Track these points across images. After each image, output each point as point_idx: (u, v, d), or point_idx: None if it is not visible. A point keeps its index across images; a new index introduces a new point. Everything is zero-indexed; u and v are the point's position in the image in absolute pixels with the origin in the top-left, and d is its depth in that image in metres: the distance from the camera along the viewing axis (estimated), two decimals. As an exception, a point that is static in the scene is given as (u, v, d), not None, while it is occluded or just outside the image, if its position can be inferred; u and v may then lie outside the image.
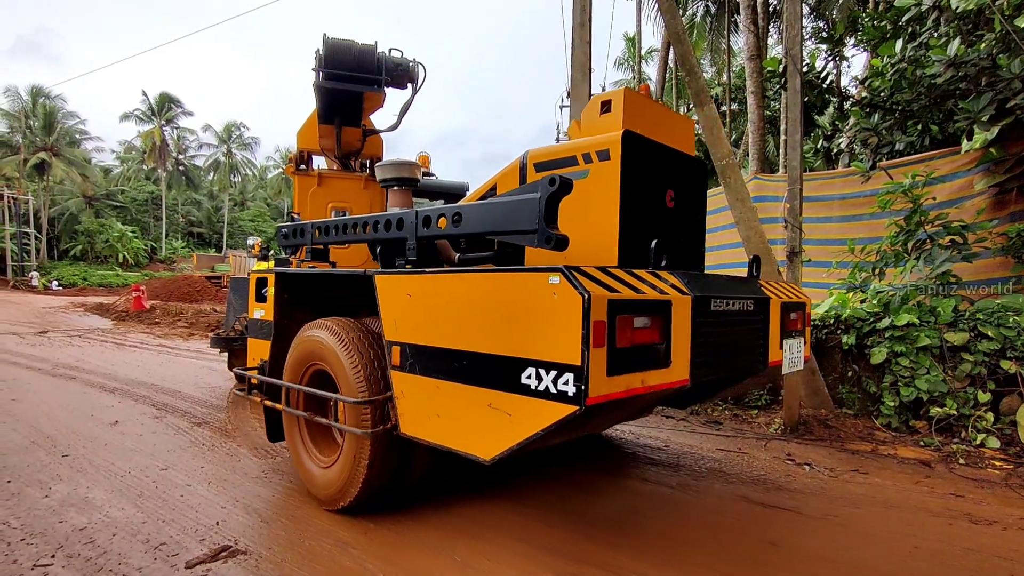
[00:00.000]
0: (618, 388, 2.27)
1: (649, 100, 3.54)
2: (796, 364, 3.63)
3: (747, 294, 3.16)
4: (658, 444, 4.76)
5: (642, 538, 3.03)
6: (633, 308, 2.36)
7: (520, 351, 2.38)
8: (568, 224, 3.15)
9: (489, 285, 2.57)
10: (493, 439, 2.52)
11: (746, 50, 11.24)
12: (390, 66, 4.77)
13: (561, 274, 2.26)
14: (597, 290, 2.22)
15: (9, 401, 6.06)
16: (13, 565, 2.72)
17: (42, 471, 3.97)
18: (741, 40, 14.74)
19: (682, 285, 2.72)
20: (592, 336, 2.15)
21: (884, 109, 6.41)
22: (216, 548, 2.88)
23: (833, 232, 7.36)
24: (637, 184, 3.17)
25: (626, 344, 2.32)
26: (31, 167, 39.02)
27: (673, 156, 3.44)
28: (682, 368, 2.60)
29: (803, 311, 3.76)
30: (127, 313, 17.00)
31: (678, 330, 2.58)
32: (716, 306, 2.85)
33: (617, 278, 2.43)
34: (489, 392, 2.51)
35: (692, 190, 3.60)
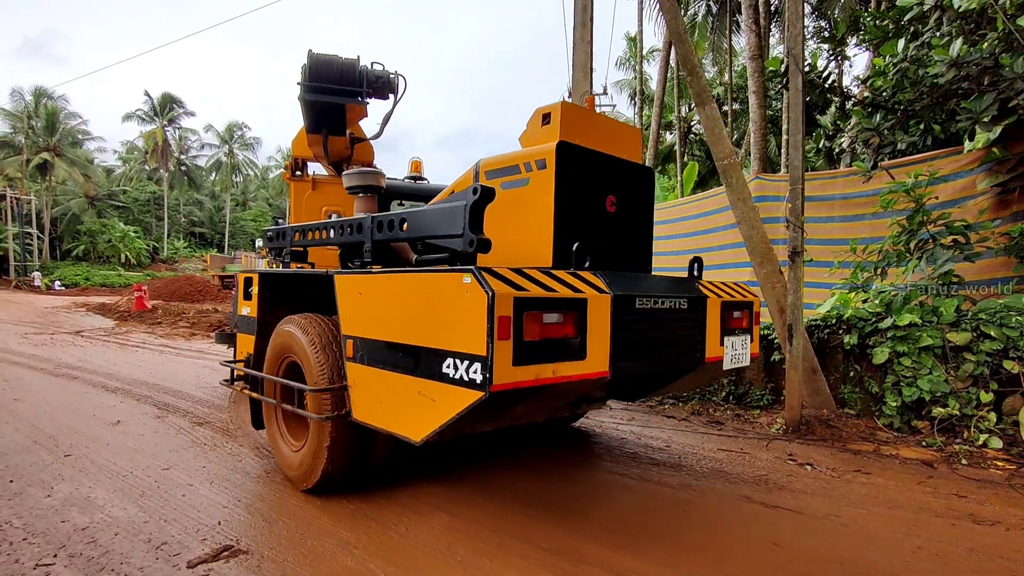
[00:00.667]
0: (526, 377, 2.50)
1: (591, 112, 3.81)
2: (740, 360, 3.84)
3: (679, 293, 3.35)
4: (660, 444, 4.76)
5: (643, 538, 3.02)
6: (542, 305, 2.58)
7: (442, 343, 2.63)
8: (511, 228, 3.53)
9: (417, 284, 2.85)
10: (422, 422, 2.75)
11: (748, 50, 11.22)
12: (371, 79, 5.03)
13: (472, 274, 2.50)
14: (503, 288, 2.45)
15: (11, 401, 6.07)
16: (15, 565, 2.73)
17: (44, 471, 3.98)
18: (743, 40, 14.72)
19: (603, 284, 2.92)
20: (497, 330, 2.39)
21: (886, 109, 6.39)
22: (218, 548, 2.88)
23: (835, 232, 7.35)
24: (573, 190, 3.40)
25: (535, 337, 2.56)
26: (34, 167, 39.10)
27: (614, 164, 3.66)
28: (600, 361, 2.81)
29: (749, 310, 3.95)
30: (129, 313, 17.02)
31: (595, 325, 2.80)
32: (642, 304, 3.06)
33: (532, 279, 2.64)
34: (419, 380, 2.76)
35: (635, 195, 3.82)
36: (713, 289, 3.70)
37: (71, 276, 36.15)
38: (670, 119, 22.53)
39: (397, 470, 4.02)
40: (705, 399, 6.11)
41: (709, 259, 8.89)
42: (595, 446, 4.67)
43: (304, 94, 4.94)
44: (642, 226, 3.90)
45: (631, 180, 3.80)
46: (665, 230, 10.11)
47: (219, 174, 54.78)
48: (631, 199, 3.79)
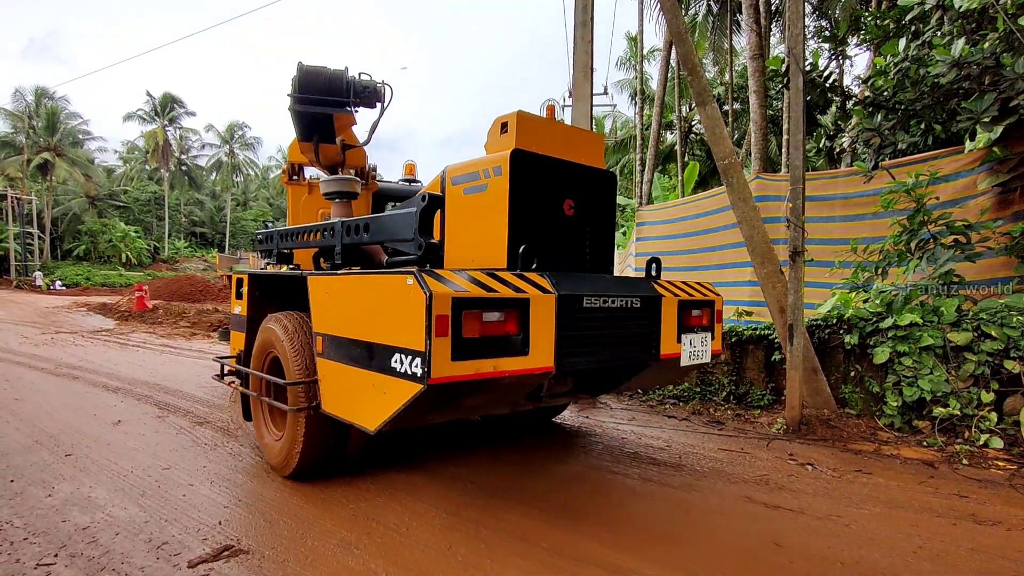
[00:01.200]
0: (465, 371, 2.69)
1: (549, 120, 3.96)
2: (699, 357, 3.98)
3: (632, 293, 3.50)
4: (660, 444, 4.76)
5: (645, 538, 3.02)
6: (482, 304, 2.75)
7: (391, 340, 2.83)
8: (473, 231, 3.73)
9: (371, 285, 3.07)
10: (375, 413, 2.96)
11: (748, 49, 11.20)
12: (358, 89, 5.20)
13: (414, 276, 2.70)
14: (441, 289, 2.63)
15: (12, 400, 6.07)
16: (16, 564, 2.73)
17: (45, 470, 3.98)
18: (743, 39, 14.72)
19: (548, 284, 3.08)
20: (435, 327, 2.58)
21: (887, 108, 6.39)
22: (218, 547, 2.88)
23: (836, 231, 7.34)
24: (529, 195, 3.57)
25: (474, 335, 2.74)
26: (34, 167, 39.13)
27: (572, 169, 3.82)
28: (544, 357, 2.98)
29: (710, 308, 4.10)
30: (130, 313, 17.03)
31: (538, 324, 2.96)
32: (590, 303, 3.22)
33: (475, 280, 2.82)
34: (373, 374, 2.96)
35: (594, 199, 3.97)
36: (670, 288, 3.84)
37: (72, 276, 36.17)
38: (671, 119, 22.52)
39: (399, 471, 4.02)
40: (706, 399, 6.11)
41: (710, 259, 8.88)
42: (595, 446, 4.67)
43: (293, 105, 5.13)
44: (602, 228, 4.04)
45: (590, 184, 3.95)
46: (666, 230, 10.11)
47: (220, 174, 54.79)
48: (590, 203, 3.94)
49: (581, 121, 6.40)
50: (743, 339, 6.03)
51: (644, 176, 16.27)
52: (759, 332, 5.95)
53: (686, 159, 19.05)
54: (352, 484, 3.74)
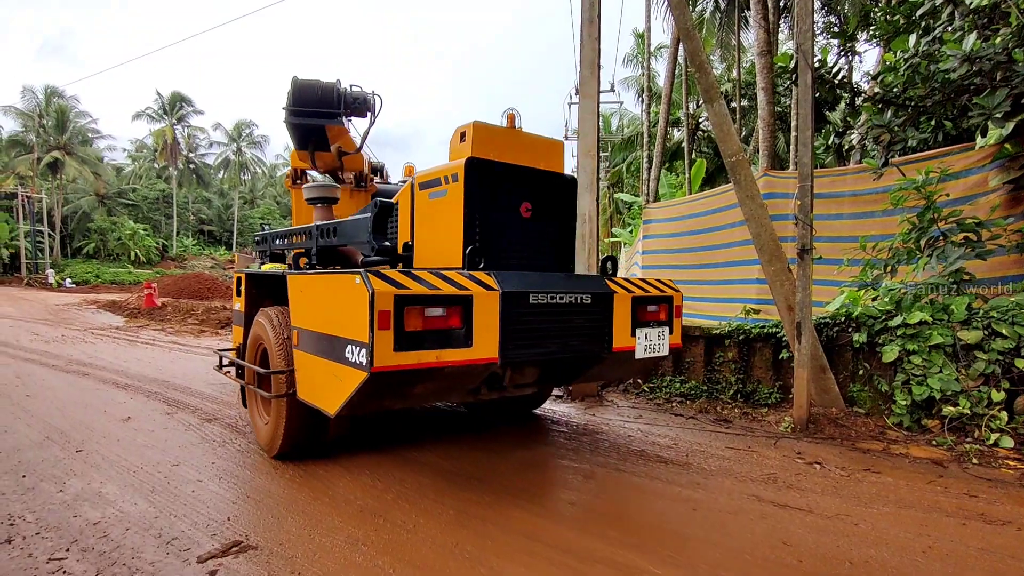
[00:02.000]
0: (408, 361, 2.97)
1: (507, 129, 4.22)
2: (656, 350, 4.18)
3: (583, 290, 3.71)
4: (667, 442, 4.75)
5: (652, 536, 3.02)
6: (424, 301, 3.03)
7: (345, 333, 3.12)
8: (436, 233, 4.02)
9: (331, 284, 3.36)
10: (334, 398, 3.26)
11: (756, 46, 11.13)
12: (349, 100, 5.51)
13: (360, 275, 2.98)
14: (383, 287, 2.92)
15: (24, 397, 6.13)
16: (28, 558, 2.76)
17: (56, 466, 4.02)
18: (751, 36, 14.61)
19: (492, 282, 3.30)
20: (377, 321, 2.87)
21: (897, 105, 6.33)
22: (227, 543, 2.90)
23: (844, 229, 7.29)
24: (484, 200, 3.84)
25: (417, 328, 3.01)
26: (44, 166, 39.44)
27: (529, 174, 4.10)
28: (488, 348, 3.22)
29: (668, 304, 4.28)
30: (139, 310, 17.16)
31: (482, 318, 3.20)
32: (537, 299, 3.44)
33: (419, 279, 3.09)
34: (332, 363, 3.26)
35: (553, 202, 4.23)
36: (625, 285, 4.03)
37: (82, 273, 36.47)
38: (678, 116, 22.42)
39: (405, 469, 4.04)
40: (713, 397, 6.09)
41: (716, 256, 8.84)
42: (602, 444, 4.67)
43: (288, 118, 5.42)
44: (561, 229, 4.30)
45: (548, 188, 4.21)
46: (673, 227, 10.07)
47: (227, 172, 55.02)
48: (548, 205, 4.20)
49: (588, 118, 6.38)
50: (750, 337, 6.01)
51: (651, 173, 16.21)
52: (767, 330, 5.92)
53: (693, 156, 18.97)
54: (358, 481, 3.75)
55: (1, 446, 4.45)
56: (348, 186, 6.59)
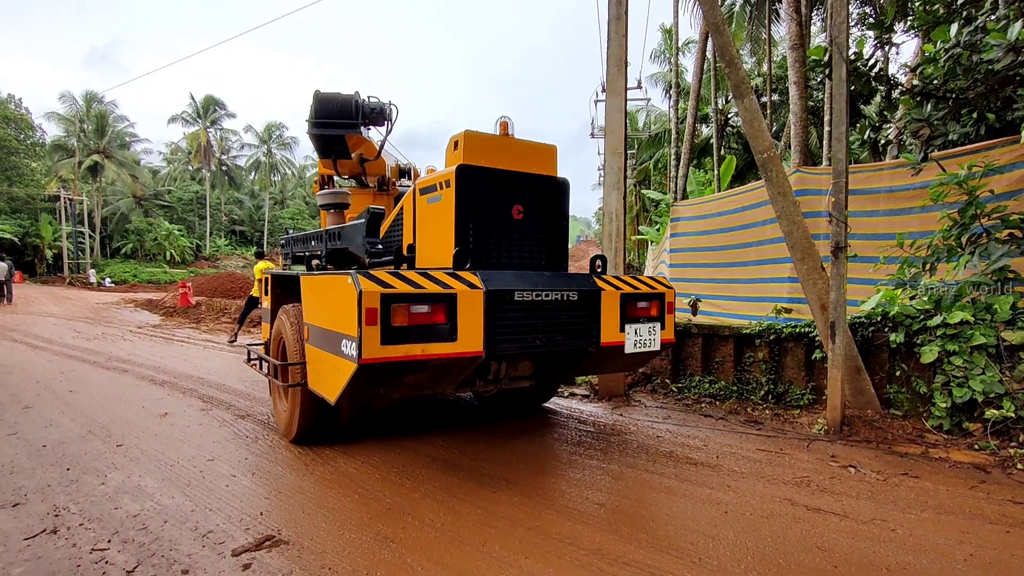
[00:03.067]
0: (395, 354, 3.23)
1: (499, 136, 4.45)
2: (646, 345, 4.31)
3: (570, 287, 3.90)
4: (696, 443, 4.68)
5: (682, 539, 2.98)
6: (409, 299, 3.29)
7: (341, 328, 3.41)
8: (434, 235, 4.29)
9: (331, 284, 3.65)
10: (333, 387, 3.56)
11: (788, 39, 10.88)
12: (367, 110, 5.80)
13: (351, 276, 3.26)
14: (370, 287, 3.19)
15: (67, 392, 6.36)
16: (73, 548, 2.86)
17: (98, 459, 4.16)
18: (783, 29, 14.31)
19: (477, 281, 3.52)
20: (365, 318, 3.15)
21: (937, 98, 6.12)
22: (260, 537, 2.96)
23: (880, 226, 7.08)
24: (476, 204, 4.08)
25: (403, 323, 3.26)
26: (85, 169, 40.82)
27: (520, 178, 4.29)
28: (473, 342, 3.45)
29: (659, 301, 4.42)
30: (174, 309, 17.64)
31: (466, 315, 3.43)
32: (522, 297, 3.66)
33: (406, 279, 3.35)
34: (332, 356, 3.55)
35: (544, 203, 4.40)
36: (612, 282, 4.20)
37: (120, 273, 37.65)
38: (706, 112, 22.09)
39: (434, 468, 4.06)
40: (743, 398, 5.98)
41: (747, 255, 8.69)
42: (630, 445, 4.63)
43: (311, 130, 5.76)
44: (552, 229, 4.46)
45: (540, 191, 4.39)
46: (701, 225, 9.93)
47: (258, 173, 56.15)
48: (540, 207, 4.38)
49: (615, 116, 6.32)
50: (782, 337, 5.89)
51: (679, 171, 16.00)
52: (799, 329, 5.79)
53: (722, 153, 18.66)
54: (387, 479, 3.80)
55: (47, 439, 4.62)
56: (372, 190, 6.84)
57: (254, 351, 5.70)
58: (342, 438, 4.64)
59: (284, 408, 4.69)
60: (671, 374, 6.63)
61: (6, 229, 35.13)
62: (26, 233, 37.20)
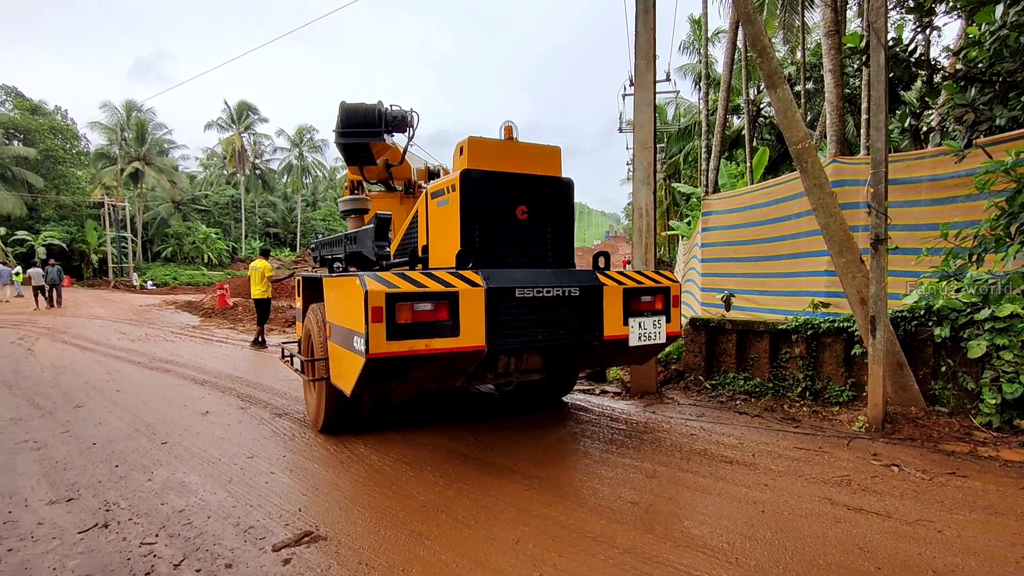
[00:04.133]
0: (400, 348, 3.44)
1: (503, 140, 4.63)
2: (651, 338, 4.41)
3: (572, 284, 4.04)
4: (732, 441, 4.60)
5: (717, 539, 2.94)
6: (413, 297, 3.49)
7: (352, 325, 3.61)
8: (444, 236, 4.54)
9: (344, 284, 3.90)
10: (349, 380, 3.80)
11: (823, 26, 10.57)
12: (389, 119, 6.05)
13: (358, 278, 3.52)
14: (376, 287, 3.41)
15: (115, 392, 6.62)
16: (123, 542, 2.98)
17: (145, 456, 4.32)
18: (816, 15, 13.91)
19: (479, 280, 3.71)
20: (371, 316, 3.36)
21: (982, 81, 5.87)
22: (299, 533, 3.03)
23: (922, 217, 6.83)
24: (480, 206, 4.30)
25: (407, 320, 3.47)
26: (127, 176, 42.29)
27: (523, 180, 4.49)
28: (475, 338, 3.64)
29: (664, 295, 4.49)
30: (213, 310, 18.16)
31: (468, 311, 3.62)
32: (523, 294, 3.82)
33: (410, 279, 3.55)
34: (347, 351, 3.76)
35: (548, 203, 4.58)
36: (615, 278, 4.31)
37: (161, 276, 38.95)
38: (737, 103, 21.65)
39: (467, 466, 4.09)
40: (779, 395, 5.86)
41: (782, 248, 8.49)
42: (664, 443, 4.58)
43: (337, 139, 6.10)
44: (559, 228, 4.64)
45: (543, 191, 4.56)
46: (734, 219, 9.74)
47: (290, 176, 57.27)
48: (544, 207, 4.55)
49: (644, 110, 6.25)
50: (819, 332, 5.74)
51: (710, 163, 15.73)
52: (837, 324, 5.64)
53: (755, 144, 18.26)
54: (421, 477, 3.84)
55: (97, 437, 4.82)
56: (399, 193, 7.04)
57: (287, 349, 5.95)
58: (375, 436, 4.72)
59: (312, 400, 5.03)
60: (704, 371, 6.53)
61: (55, 235, 36.69)
62: (73, 239, 38.76)
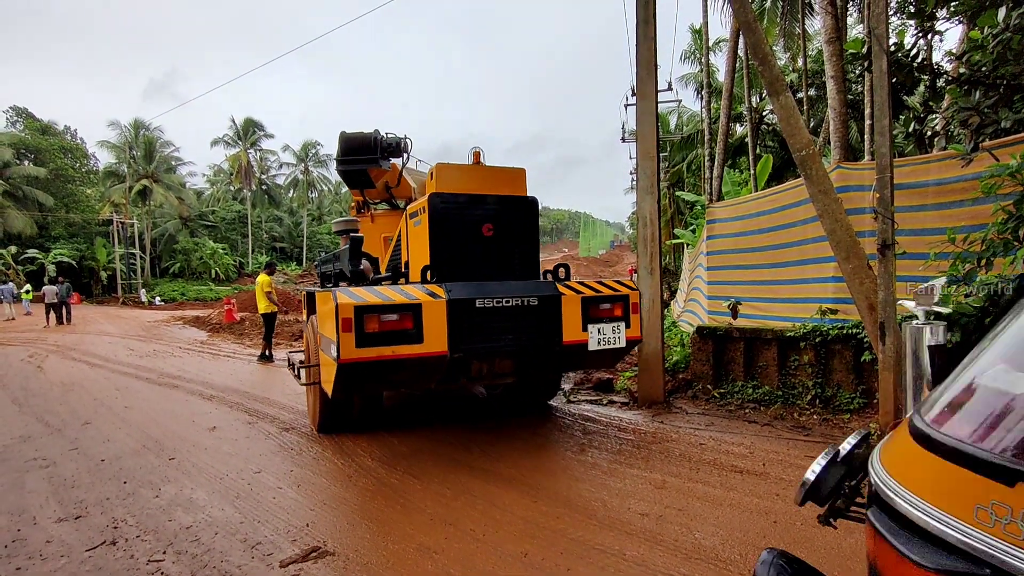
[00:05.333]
0: (368, 354, 3.86)
1: (470, 165, 5.21)
2: (611, 343, 4.71)
3: (531, 294, 4.42)
4: (741, 451, 4.56)
5: (729, 551, 2.90)
6: (379, 309, 3.93)
7: (330, 334, 4.02)
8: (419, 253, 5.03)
9: (322, 298, 4.42)
10: (328, 384, 4.34)
11: (824, 33, 10.60)
12: (384, 145, 6.56)
13: (331, 292, 3.99)
14: (345, 300, 3.85)
15: (123, 408, 6.63)
16: (130, 560, 2.96)
17: (152, 473, 4.32)
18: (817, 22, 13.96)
19: (441, 292, 4.16)
20: (341, 325, 3.80)
21: (986, 85, 5.84)
22: (307, 549, 3.01)
23: (929, 221, 6.78)
24: (449, 225, 4.79)
25: (374, 329, 3.89)
26: (135, 194, 42.72)
27: (490, 200, 4.95)
28: (438, 344, 4.07)
29: (623, 302, 4.80)
30: (220, 325, 18.22)
31: (431, 320, 4.06)
32: (483, 304, 4.23)
33: (379, 293, 4.01)
34: (327, 358, 4.23)
35: (513, 221, 5.00)
36: (574, 288, 4.66)
37: (169, 292, 39.19)
38: (740, 111, 21.68)
39: (474, 478, 4.07)
40: (789, 403, 5.80)
41: (788, 255, 8.45)
42: (672, 452, 4.54)
43: (338, 167, 6.71)
44: (523, 242, 5.06)
45: (507, 210, 4.99)
46: (739, 226, 9.72)
47: (296, 191, 57.72)
48: (508, 224, 4.97)
49: (646, 119, 6.26)
50: (828, 339, 5.69)
51: (713, 172, 15.73)
52: (846, 331, 5.59)
53: (758, 152, 18.26)
54: (429, 489, 3.82)
55: (105, 454, 4.82)
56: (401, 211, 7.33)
57: (292, 358, 6.61)
58: (382, 449, 4.70)
59: (310, 403, 5.56)
60: (712, 379, 6.48)
61: (64, 253, 37.04)
62: (83, 256, 39.12)
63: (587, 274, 42.29)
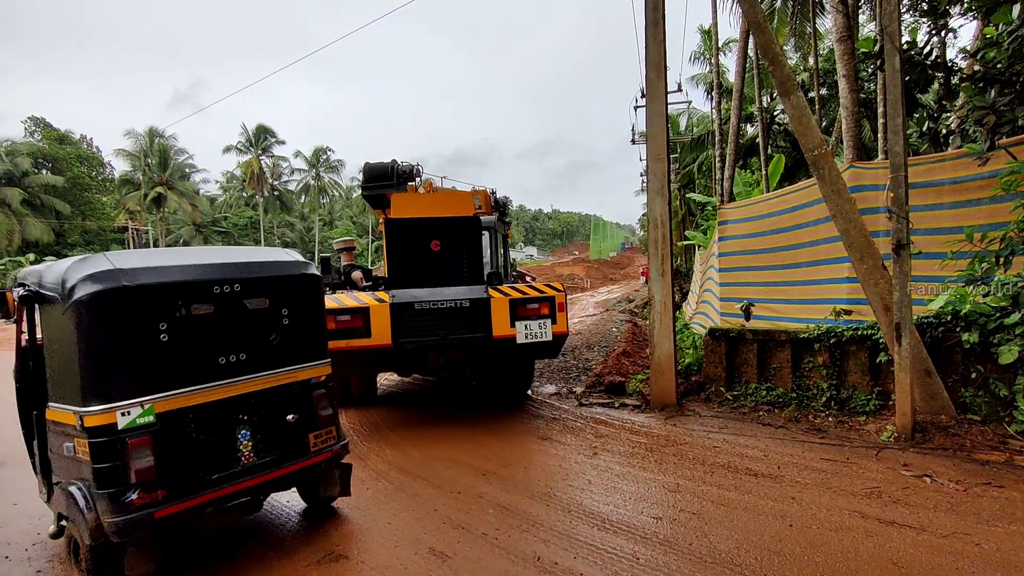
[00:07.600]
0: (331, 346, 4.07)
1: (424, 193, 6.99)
2: (536, 337, 5.35)
3: (464, 297, 5.22)
4: (756, 453, 4.51)
5: (744, 555, 2.88)
6: (335, 312, 4.90)
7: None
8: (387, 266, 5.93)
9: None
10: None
11: (835, 32, 10.50)
12: (399, 172, 7.74)
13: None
14: None
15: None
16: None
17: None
18: (828, 21, 13.85)
19: (386, 297, 5.10)
20: None
21: (1002, 83, 5.76)
22: (321, 554, 3.03)
23: (945, 220, 6.68)
24: (403, 243, 5.80)
25: (332, 327, 4.75)
26: (150, 201, 43.31)
27: (437, 221, 5.95)
28: (383, 338, 5.02)
29: (549, 302, 5.43)
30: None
31: (377, 320, 5.02)
32: (421, 306, 5.16)
33: (336, 300, 4.98)
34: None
35: (458, 237, 5.85)
36: (503, 291, 5.33)
37: (183, 297, 39.68)
38: (751, 111, 21.56)
39: (481, 479, 4.06)
40: (803, 405, 5.74)
41: (800, 256, 8.38)
42: (685, 455, 4.51)
43: (362, 192, 8.04)
44: (469, 254, 5.88)
45: (453, 229, 5.89)
46: (751, 227, 9.65)
47: (307, 196, 58.14)
48: (453, 241, 5.83)
49: (656, 121, 6.24)
50: (843, 340, 5.63)
51: (724, 173, 15.65)
52: (861, 332, 5.53)
53: (770, 152, 18.14)
54: (441, 493, 3.82)
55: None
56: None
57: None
58: (396, 454, 4.72)
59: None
60: (725, 382, 6.43)
61: (81, 260, 37.64)
62: (99, 263, 39.74)
63: (596, 276, 42.24)
